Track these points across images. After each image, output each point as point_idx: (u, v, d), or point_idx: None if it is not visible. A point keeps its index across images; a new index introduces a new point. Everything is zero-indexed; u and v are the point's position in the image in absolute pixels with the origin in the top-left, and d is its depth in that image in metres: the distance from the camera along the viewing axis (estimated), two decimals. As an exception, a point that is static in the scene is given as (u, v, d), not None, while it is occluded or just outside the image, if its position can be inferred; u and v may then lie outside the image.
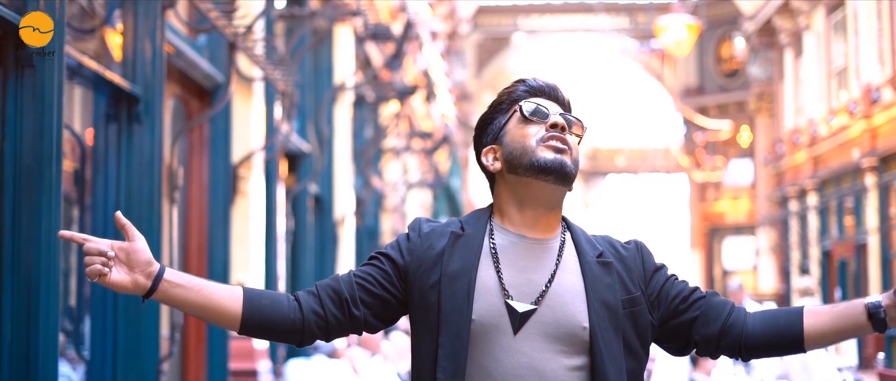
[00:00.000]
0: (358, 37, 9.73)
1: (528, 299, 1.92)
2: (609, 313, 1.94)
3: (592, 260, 1.98)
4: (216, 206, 5.94)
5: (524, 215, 2.00)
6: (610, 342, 1.92)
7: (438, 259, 1.95)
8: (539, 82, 2.07)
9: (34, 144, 3.60)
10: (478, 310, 1.90)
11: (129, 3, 4.72)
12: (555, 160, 1.96)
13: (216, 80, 5.91)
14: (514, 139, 2.01)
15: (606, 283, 1.96)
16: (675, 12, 18.63)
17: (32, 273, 3.55)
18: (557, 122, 1.99)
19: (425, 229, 2.02)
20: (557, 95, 2.07)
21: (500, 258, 1.96)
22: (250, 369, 6.14)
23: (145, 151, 4.69)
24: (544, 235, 2.00)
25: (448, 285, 1.93)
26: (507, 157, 2.00)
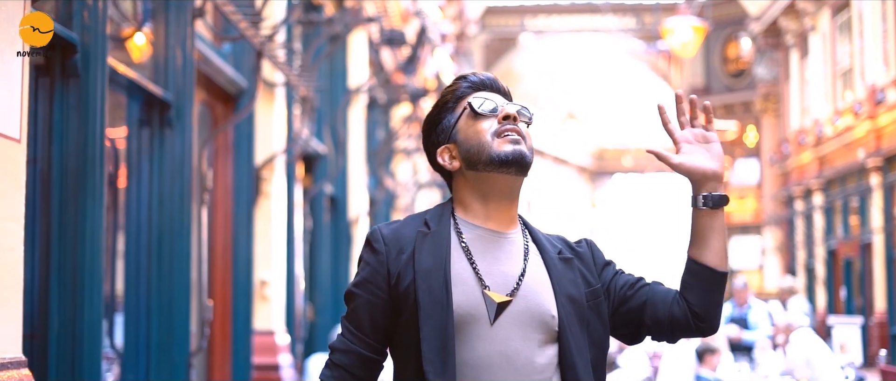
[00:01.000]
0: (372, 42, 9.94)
1: (503, 290, 1.95)
2: (574, 307, 2.00)
3: (554, 256, 2.04)
4: (240, 206, 6.17)
5: (488, 209, 2.02)
6: (576, 334, 1.98)
7: (410, 260, 1.96)
8: (480, 77, 2.08)
9: (79, 148, 3.82)
10: (457, 301, 1.92)
11: (161, 14, 4.94)
12: (514, 152, 1.98)
13: (240, 85, 6.13)
14: (468, 136, 2.02)
15: (570, 278, 2.02)
16: (682, 14, 18.77)
17: (78, 270, 3.77)
18: (509, 113, 2.01)
19: (388, 236, 2.01)
20: (499, 87, 2.09)
21: (471, 250, 1.98)
22: (273, 363, 6.36)
23: (176, 154, 4.91)
24: (508, 228, 2.04)
25: (424, 281, 1.94)
26: (465, 154, 2.01)
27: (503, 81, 2.13)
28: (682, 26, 18.35)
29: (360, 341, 1.99)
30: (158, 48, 4.97)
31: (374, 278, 1.98)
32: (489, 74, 2.10)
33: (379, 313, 1.97)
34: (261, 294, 6.39)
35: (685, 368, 7.50)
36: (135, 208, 4.85)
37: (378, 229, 2.02)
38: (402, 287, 1.94)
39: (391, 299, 1.96)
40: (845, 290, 16.69)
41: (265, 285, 6.40)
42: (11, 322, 2.86)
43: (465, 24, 21.85)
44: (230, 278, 6.15)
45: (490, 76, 2.10)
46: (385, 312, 1.97)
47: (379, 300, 1.97)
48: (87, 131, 3.82)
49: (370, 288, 1.98)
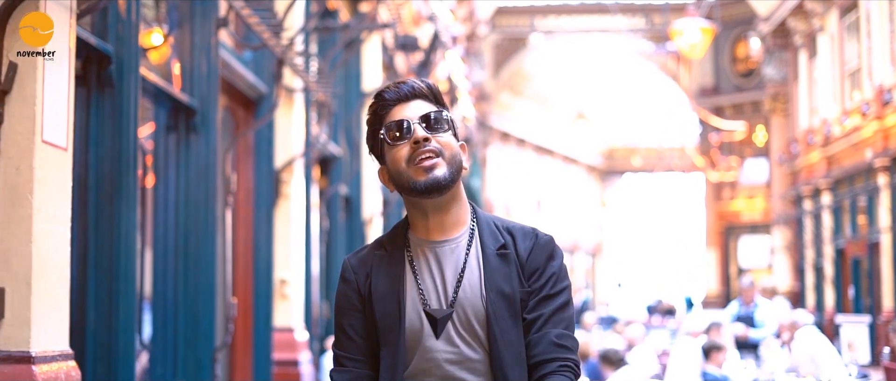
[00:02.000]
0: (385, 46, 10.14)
1: (444, 301, 2.04)
2: (505, 301, 2.03)
3: (492, 252, 2.07)
4: (261, 208, 6.39)
5: (428, 222, 2.08)
6: (506, 329, 2.02)
7: (369, 286, 2.07)
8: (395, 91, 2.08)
9: (113, 154, 4.05)
10: (408, 321, 2.03)
11: (187, 23, 5.16)
12: (427, 181, 2.01)
13: (260, 90, 6.35)
14: (391, 163, 2.06)
15: (504, 273, 2.05)
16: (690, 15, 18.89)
17: (113, 268, 3.99)
18: (418, 137, 2.01)
19: (356, 265, 2.11)
20: (417, 92, 2.07)
21: (416, 269, 2.07)
22: (292, 359, 6.58)
23: (202, 158, 5.13)
24: (451, 234, 2.08)
25: (380, 304, 2.05)
26: (393, 179, 2.07)
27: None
28: (690, 28, 18.48)
29: (351, 361, 2.09)
30: (184, 56, 5.19)
31: (350, 303, 2.09)
32: (408, 83, 2.09)
33: (361, 333, 2.08)
34: (281, 293, 6.61)
35: (692, 365, 7.67)
36: (162, 209, 5.07)
37: (348, 261, 2.14)
38: (368, 310, 2.07)
39: (365, 319, 2.08)
40: (853, 289, 16.80)
41: (285, 283, 6.62)
42: (60, 318, 3.08)
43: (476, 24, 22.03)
44: (251, 277, 6.36)
45: (406, 86, 2.08)
46: (365, 331, 2.08)
47: (357, 321, 2.08)
48: (121, 138, 4.05)
49: (350, 313, 2.09)
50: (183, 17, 5.22)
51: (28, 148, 2.94)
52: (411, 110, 2.05)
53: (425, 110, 2.05)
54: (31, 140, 2.94)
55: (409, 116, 2.04)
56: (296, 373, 6.55)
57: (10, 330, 2.89)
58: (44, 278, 2.98)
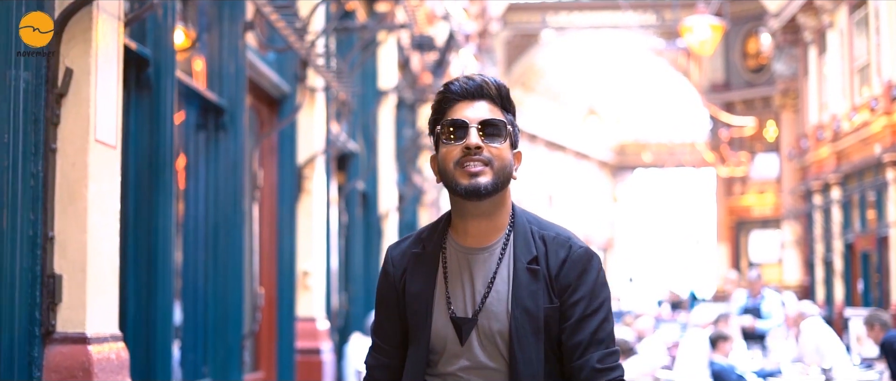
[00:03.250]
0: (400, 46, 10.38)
1: (470, 309, 2.07)
2: (528, 318, 2.04)
3: (523, 267, 2.07)
4: (284, 202, 6.65)
5: (466, 226, 2.09)
6: (527, 346, 2.04)
7: (404, 283, 2.13)
8: (462, 87, 2.07)
9: (151, 151, 4.31)
10: (436, 326, 2.08)
11: (216, 27, 5.42)
12: (468, 186, 2.02)
13: (283, 90, 6.61)
14: (441, 159, 2.06)
15: (531, 290, 2.05)
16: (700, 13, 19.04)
17: (152, 258, 4.26)
18: (470, 145, 2.01)
19: (396, 258, 2.16)
20: (484, 93, 2.07)
21: (448, 274, 2.09)
22: (314, 347, 6.85)
23: (230, 155, 5.39)
24: (486, 242, 2.09)
25: (411, 305, 2.11)
26: (439, 173, 2.08)
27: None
28: (700, 25, 18.63)
29: (383, 350, 2.17)
30: (213, 58, 5.45)
31: (388, 296, 2.16)
32: (477, 80, 2.08)
33: (396, 324, 2.15)
34: (303, 284, 6.87)
35: (699, 354, 7.89)
36: (193, 204, 5.33)
37: (390, 252, 2.19)
38: (402, 305, 2.14)
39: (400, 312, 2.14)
40: (863, 283, 16.93)
41: (307, 275, 6.89)
42: (110, 303, 3.35)
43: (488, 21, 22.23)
44: (275, 268, 6.63)
45: (476, 83, 2.07)
46: (400, 323, 2.15)
47: (393, 314, 2.15)
48: (158, 137, 4.31)
49: (388, 305, 2.16)
50: (211, 20, 5.48)
51: (82, 146, 3.20)
52: (473, 111, 2.04)
53: (487, 116, 2.04)
54: (85, 139, 3.20)
55: (469, 117, 2.03)
56: (318, 361, 6.81)
57: (67, 313, 3.16)
58: (97, 265, 3.24)
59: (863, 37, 16.98)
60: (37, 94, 3.12)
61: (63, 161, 3.19)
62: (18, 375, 3.02)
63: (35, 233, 3.10)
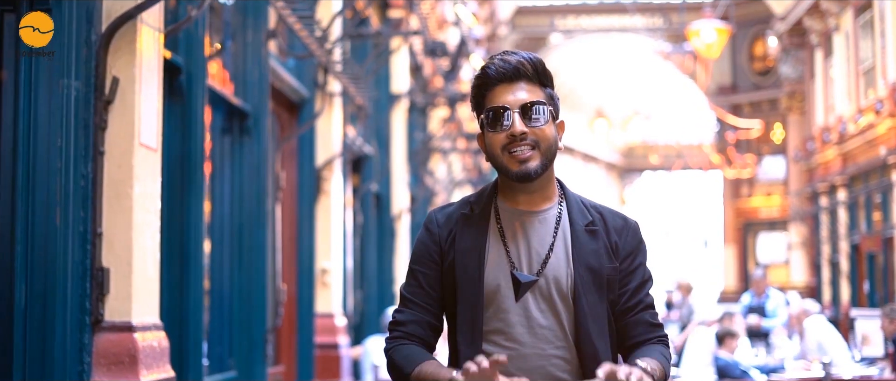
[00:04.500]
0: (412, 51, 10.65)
1: (531, 268, 2.12)
2: (592, 276, 2.12)
3: (581, 228, 2.15)
4: (304, 203, 6.91)
5: (516, 195, 2.16)
6: (593, 301, 2.11)
7: (453, 241, 2.16)
8: (498, 69, 2.11)
9: (183, 154, 4.56)
10: (488, 280, 2.11)
11: (240, 35, 5.68)
12: (519, 173, 2.09)
13: (302, 94, 6.87)
14: (487, 143, 2.13)
15: (592, 249, 2.14)
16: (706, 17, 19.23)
17: (184, 254, 4.51)
18: (515, 132, 2.08)
19: (441, 219, 2.19)
20: (521, 73, 2.11)
21: (505, 233, 2.14)
22: (332, 342, 7.12)
23: (254, 157, 5.65)
24: (541, 207, 2.16)
25: (461, 261, 2.13)
26: (488, 155, 2.16)
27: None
28: (706, 29, 18.82)
29: (420, 307, 2.18)
30: (237, 65, 5.71)
31: (429, 253, 2.18)
32: (512, 61, 2.11)
33: (434, 284, 2.18)
34: (322, 281, 7.14)
35: (705, 351, 8.12)
36: (218, 204, 5.59)
37: (433, 214, 2.24)
38: (446, 264, 2.16)
39: (442, 273, 2.17)
40: (868, 283, 17.08)
41: (326, 273, 7.15)
42: (152, 295, 3.61)
43: (497, 25, 22.46)
44: (295, 266, 6.89)
45: (512, 64, 2.11)
46: (439, 283, 2.17)
47: (433, 273, 2.18)
48: (190, 140, 4.56)
49: (426, 263, 2.18)
50: (235, 29, 5.74)
51: (128, 150, 3.46)
52: (513, 94, 2.10)
53: (527, 98, 2.10)
54: (131, 143, 3.46)
55: (510, 101, 2.09)
56: (336, 355, 7.08)
57: (114, 304, 3.42)
58: (140, 259, 3.50)
59: (868, 40, 17.12)
60: (87, 101, 3.38)
61: (110, 163, 3.45)
62: (71, 360, 3.28)
63: (85, 229, 3.36)
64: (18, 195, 3.26)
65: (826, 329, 8.37)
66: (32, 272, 3.25)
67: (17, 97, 3.27)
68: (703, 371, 8.06)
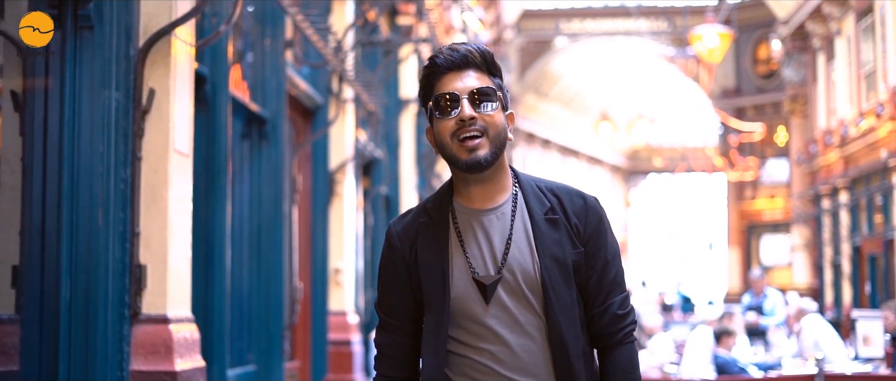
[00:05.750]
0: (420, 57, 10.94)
1: (492, 269, 2.08)
2: (558, 266, 2.09)
3: (541, 218, 2.11)
4: (317, 205, 7.19)
5: (470, 191, 2.12)
6: (561, 293, 2.08)
7: (415, 254, 2.12)
8: (447, 59, 2.09)
9: (208, 159, 4.85)
10: (456, 290, 2.08)
11: (259, 45, 5.96)
12: (469, 161, 2.05)
13: (316, 101, 7.16)
14: (437, 133, 2.10)
15: (555, 239, 2.10)
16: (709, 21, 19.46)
17: (209, 252, 4.79)
18: (464, 116, 2.04)
19: (401, 232, 2.16)
20: (470, 61, 2.09)
21: (463, 237, 2.10)
22: (345, 339, 7.40)
23: (272, 162, 5.93)
24: (494, 202, 2.12)
25: (426, 272, 2.10)
26: (437, 146, 2.12)
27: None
28: (709, 33, 19.05)
29: (397, 327, 2.16)
30: (256, 73, 5.99)
31: (395, 269, 2.15)
32: (461, 50, 2.10)
33: (407, 299, 2.15)
34: (335, 280, 7.42)
35: (703, 349, 8.38)
36: (238, 206, 5.87)
37: (392, 227, 2.19)
38: (413, 277, 2.13)
39: (411, 284, 2.14)
40: (870, 285, 17.26)
41: (339, 272, 7.43)
42: (184, 290, 3.89)
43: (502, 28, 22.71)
44: (309, 265, 7.18)
45: (460, 53, 2.09)
46: (411, 296, 2.14)
47: (401, 286, 2.15)
48: (214, 146, 4.85)
49: (394, 278, 2.16)
50: (254, 39, 6.02)
51: (163, 155, 3.74)
52: (462, 82, 2.07)
53: (475, 84, 2.07)
54: (166, 149, 3.74)
55: (458, 88, 2.07)
56: (348, 352, 7.36)
57: (150, 298, 3.70)
58: (175, 257, 3.78)
59: (869, 44, 17.29)
60: (126, 111, 3.67)
61: (147, 168, 3.73)
62: (112, 349, 3.56)
63: (125, 229, 3.64)
64: (64, 197, 3.55)
65: (823, 328, 8.62)
66: (77, 269, 3.54)
67: (62, 107, 3.56)
68: (704, 369, 8.32)
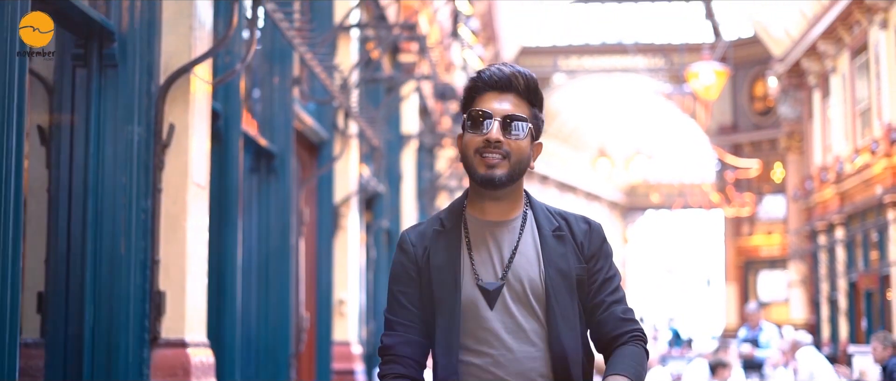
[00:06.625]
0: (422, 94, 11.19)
1: (495, 276, 2.19)
2: (562, 278, 2.20)
3: (549, 233, 2.23)
4: (323, 238, 7.38)
5: (484, 204, 2.23)
6: (564, 304, 2.19)
7: (428, 258, 2.21)
8: (492, 78, 2.18)
9: (220, 192, 5.04)
10: (464, 293, 2.18)
11: (267, 84, 6.18)
12: (484, 176, 2.16)
13: (322, 136, 7.37)
14: (463, 143, 2.20)
15: (560, 252, 2.22)
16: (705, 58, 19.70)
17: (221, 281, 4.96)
18: (491, 138, 2.14)
19: (414, 238, 2.25)
20: (511, 85, 2.18)
21: (472, 246, 2.21)
22: (349, 369, 7.55)
23: (280, 195, 6.12)
24: (505, 217, 2.23)
25: (437, 277, 2.19)
26: (460, 155, 2.24)
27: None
28: (705, 70, 19.30)
29: (406, 327, 2.22)
30: (265, 109, 6.20)
31: (407, 273, 2.23)
32: (507, 73, 2.18)
33: (416, 303, 2.22)
34: (339, 311, 7.59)
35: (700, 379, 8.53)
36: (247, 238, 6.05)
37: (406, 234, 2.29)
38: (424, 281, 2.21)
39: (421, 290, 2.22)
40: (866, 320, 17.35)
41: (343, 303, 7.60)
42: (200, 316, 4.06)
43: (501, 66, 22.95)
44: (315, 296, 7.35)
45: (506, 76, 2.18)
46: (419, 300, 2.22)
47: (413, 292, 2.22)
48: (227, 180, 5.04)
49: (405, 282, 2.23)
50: (263, 76, 6.24)
51: (182, 187, 3.93)
52: (499, 103, 2.18)
53: (510, 111, 2.17)
54: (184, 181, 3.93)
55: (495, 109, 2.17)
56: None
57: (169, 323, 3.88)
58: (192, 284, 3.96)
59: (864, 81, 17.45)
60: (147, 144, 3.87)
61: (166, 199, 3.92)
62: (133, 372, 3.73)
63: (145, 257, 3.83)
64: (88, 227, 3.74)
65: (817, 360, 8.78)
66: (99, 295, 3.72)
67: (87, 141, 3.76)
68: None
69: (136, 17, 3.87)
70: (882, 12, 16.19)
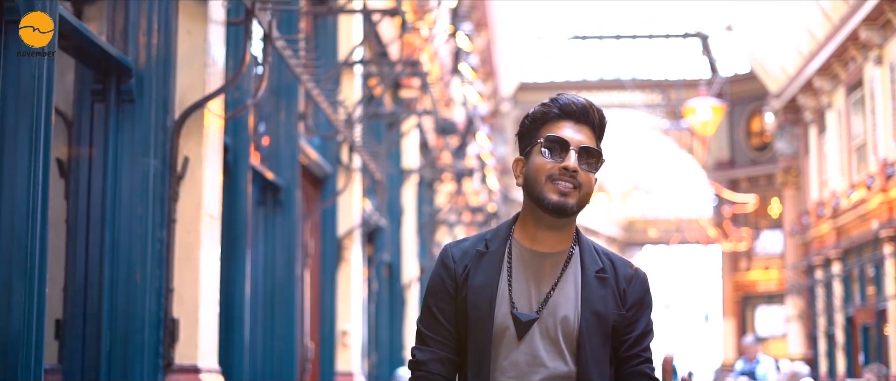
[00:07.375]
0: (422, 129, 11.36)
1: (531, 307, 2.16)
2: (598, 321, 2.17)
3: (592, 274, 2.20)
4: (326, 270, 7.50)
5: (537, 232, 2.20)
6: (596, 347, 2.16)
7: (467, 277, 2.20)
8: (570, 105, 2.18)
9: (230, 223, 5.17)
10: (497, 319, 2.16)
11: (274, 119, 6.33)
12: (556, 203, 2.13)
13: (326, 170, 7.51)
14: (532, 167, 2.16)
15: (600, 295, 2.18)
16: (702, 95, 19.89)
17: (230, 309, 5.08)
18: (569, 167, 2.13)
19: (457, 254, 2.23)
20: (588, 117, 2.18)
21: (513, 272, 2.19)
22: (351, 400, 7.64)
23: (286, 228, 6.25)
24: (553, 249, 2.20)
25: (473, 297, 2.17)
26: (525, 179, 2.19)
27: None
28: (702, 106, 19.48)
29: (439, 343, 2.21)
30: (272, 144, 6.35)
31: (445, 288, 2.21)
32: (583, 105, 2.18)
33: (451, 318, 2.21)
34: (342, 342, 7.69)
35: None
36: (254, 268, 6.17)
37: (449, 248, 2.27)
38: (460, 298, 2.20)
39: (456, 306, 2.21)
40: (863, 355, 17.38)
41: (346, 334, 7.71)
42: (212, 342, 4.18)
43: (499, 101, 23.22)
44: (318, 327, 7.46)
45: (582, 104, 2.18)
46: (454, 316, 2.21)
47: (449, 307, 2.21)
48: (235, 212, 5.17)
49: (442, 296, 2.21)
50: (270, 111, 6.39)
51: (196, 217, 4.07)
52: (577, 134, 2.17)
53: (588, 143, 2.17)
54: (198, 212, 4.07)
55: (573, 139, 2.15)
56: (355, 412, 7.59)
57: (183, 349, 3.99)
58: (205, 312, 4.08)
59: (860, 117, 17.58)
60: (163, 177, 4.01)
61: (181, 229, 4.06)
62: (146, 397, 3.84)
63: (160, 285, 3.95)
64: (105, 256, 3.87)
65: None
66: (116, 322, 3.84)
67: (105, 173, 3.90)
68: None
69: (153, 54, 4.03)
70: (877, 48, 16.41)
